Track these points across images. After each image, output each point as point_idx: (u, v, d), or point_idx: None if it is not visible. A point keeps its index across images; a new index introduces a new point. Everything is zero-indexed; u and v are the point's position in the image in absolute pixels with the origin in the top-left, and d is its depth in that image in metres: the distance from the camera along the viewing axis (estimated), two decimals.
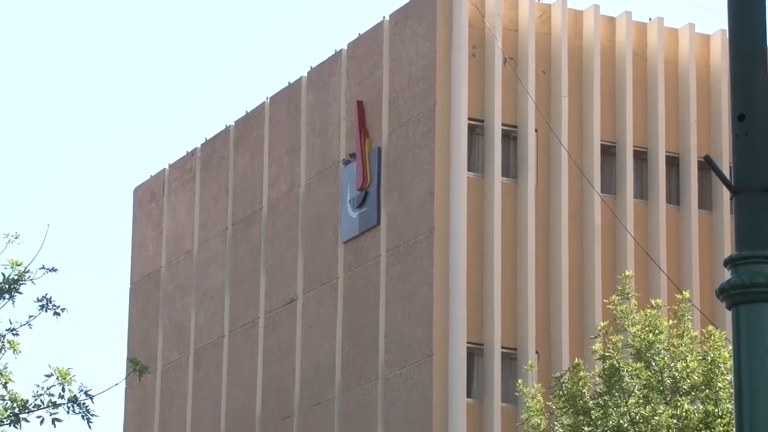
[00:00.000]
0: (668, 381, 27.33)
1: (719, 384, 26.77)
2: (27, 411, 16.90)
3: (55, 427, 16.96)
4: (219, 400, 42.09)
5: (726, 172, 9.68)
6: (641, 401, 26.99)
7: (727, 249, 35.73)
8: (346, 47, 39.76)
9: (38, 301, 17.16)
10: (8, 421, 16.92)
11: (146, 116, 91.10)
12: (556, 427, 27.48)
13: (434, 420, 35.97)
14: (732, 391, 11.07)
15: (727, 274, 9.43)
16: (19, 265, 17.17)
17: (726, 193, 37.79)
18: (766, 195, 9.30)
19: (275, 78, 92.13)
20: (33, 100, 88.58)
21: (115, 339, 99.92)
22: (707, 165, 10.26)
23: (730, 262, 9.33)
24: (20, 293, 17.13)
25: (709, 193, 38.71)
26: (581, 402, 27.55)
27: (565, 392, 28.01)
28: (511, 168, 37.90)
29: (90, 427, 16.91)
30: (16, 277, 17.11)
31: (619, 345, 27.95)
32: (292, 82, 41.45)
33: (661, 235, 38.19)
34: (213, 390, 42.33)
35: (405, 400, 36.65)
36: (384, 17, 38.67)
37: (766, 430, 8.06)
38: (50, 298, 17.24)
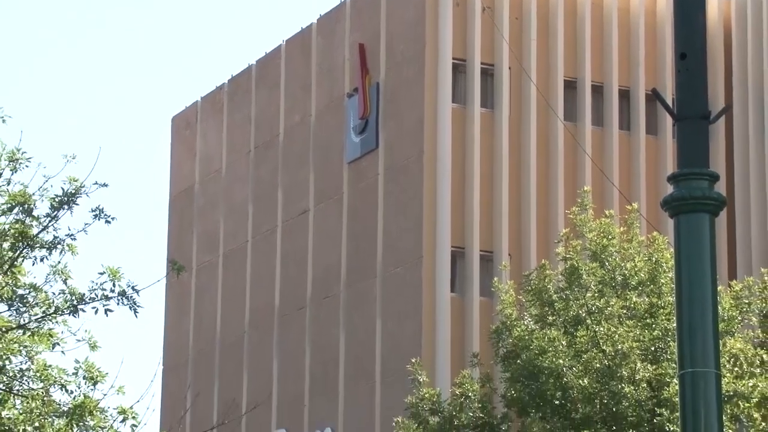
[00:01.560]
0: (619, 278, 27.40)
1: (662, 280, 26.84)
2: (83, 303, 16.90)
3: (107, 316, 16.97)
4: (244, 295, 42.24)
5: (670, 103, 9.67)
6: (597, 295, 27.06)
7: (670, 167, 35.77)
8: None
9: (92, 211, 17.12)
10: (68, 311, 16.93)
11: (182, 56, 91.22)
12: (526, 317, 27.55)
13: (423, 311, 36.12)
14: (673, 286, 11.13)
15: (669, 189, 9.44)
16: (75, 181, 17.12)
17: (669, 121, 37.78)
18: (703, 122, 9.30)
19: (289, 24, 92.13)
20: (93, 37, 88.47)
21: (156, 244, 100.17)
22: (654, 97, 10.22)
23: (672, 179, 9.34)
24: (77, 204, 17.10)
25: (655, 120, 38.72)
26: (546, 296, 27.64)
27: (533, 288, 28.10)
28: (489, 100, 37.93)
29: (136, 316, 16.92)
30: (73, 191, 17.06)
31: (579, 248, 28.02)
32: (303, 27, 41.43)
33: (615, 156, 38.29)
34: (239, 286, 42.48)
35: (399, 295, 36.78)
36: None
37: (701, 318, 8.05)
38: (102, 208, 17.20)
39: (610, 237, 27.83)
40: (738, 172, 38.88)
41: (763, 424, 20.33)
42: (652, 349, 25.97)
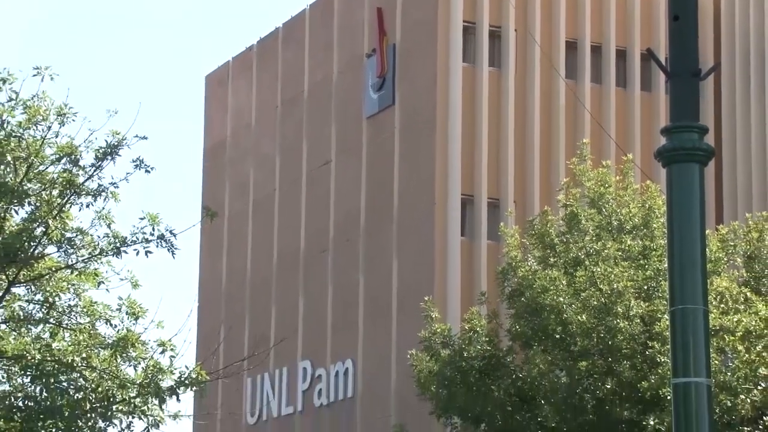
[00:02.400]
0: (615, 223, 27.39)
1: (654, 225, 26.82)
2: (126, 245, 16.97)
3: (147, 257, 17.05)
4: (272, 239, 42.35)
5: (663, 62, 9.63)
6: (594, 238, 27.07)
7: (663, 121, 35.62)
8: None
9: (133, 161, 17.17)
10: (112, 253, 16.99)
11: (215, 20, 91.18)
12: (529, 259, 27.58)
13: (436, 253, 36.20)
14: (665, 230, 11.13)
15: (662, 141, 9.43)
16: (118, 134, 17.15)
17: (663, 78, 37.59)
18: (694, 79, 9.28)
19: None
20: (135, 3, 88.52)
21: (191, 192, 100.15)
22: (649, 56, 10.20)
23: (665, 131, 9.33)
24: (119, 155, 17.14)
25: (649, 78, 38.61)
26: (548, 239, 27.65)
27: (536, 232, 28.12)
28: (496, 60, 37.84)
29: (174, 257, 17.01)
30: (116, 143, 17.10)
31: (578, 196, 28.00)
32: None
33: (612, 111, 38.23)
34: (267, 231, 42.59)
35: (413, 239, 36.84)
36: None
37: (691, 259, 8.05)
38: (142, 159, 17.25)
39: (607, 185, 27.82)
40: (725, 125, 38.84)
41: (747, 355, 20.36)
42: (645, 287, 25.99)
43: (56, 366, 16.47)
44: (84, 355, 16.72)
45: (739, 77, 38.75)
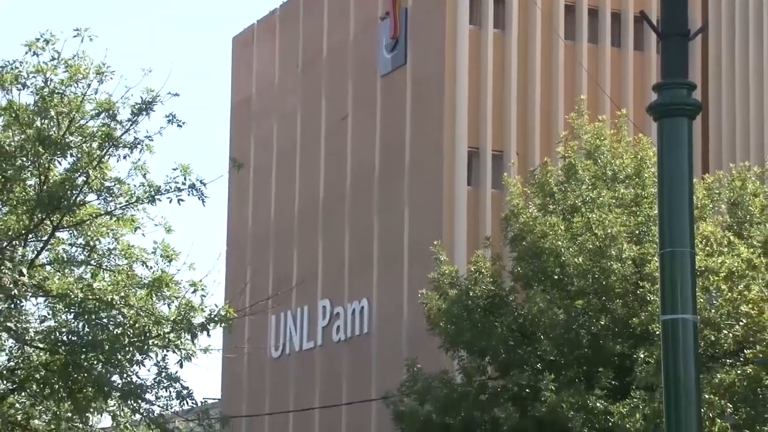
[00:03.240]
0: (609, 173, 27.35)
1: (645, 174, 26.77)
2: (160, 193, 17.01)
3: (179, 205, 17.10)
4: (293, 188, 42.40)
5: (655, 23, 9.58)
6: (590, 187, 27.03)
7: (654, 78, 35.49)
8: None
9: (166, 116, 17.16)
10: (147, 201, 17.02)
11: None
12: (530, 206, 27.57)
13: (444, 201, 36.23)
14: (655, 179, 11.11)
15: (654, 97, 9.39)
16: (152, 91, 17.13)
17: (654, 38, 37.45)
18: (683, 39, 9.22)
19: None
20: None
21: (220, 145, 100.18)
22: (642, 18, 10.13)
23: (656, 88, 9.29)
24: (153, 111, 17.13)
25: (642, 38, 38.45)
26: (548, 188, 27.62)
27: (537, 181, 28.10)
28: (500, 22, 37.69)
29: (204, 205, 17.06)
30: (150, 100, 17.08)
31: (575, 148, 27.95)
32: None
33: (607, 69, 38.09)
34: (289, 181, 42.63)
35: (423, 188, 36.86)
36: None
37: (679, 206, 8.03)
38: (174, 114, 17.24)
39: (602, 138, 27.77)
40: (711, 81, 38.73)
41: (729, 294, 20.37)
42: (637, 232, 26.00)
43: (97, 304, 16.54)
44: (122, 294, 16.78)
45: (724, 38, 38.63)
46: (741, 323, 20.12)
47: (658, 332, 18.93)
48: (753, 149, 37.07)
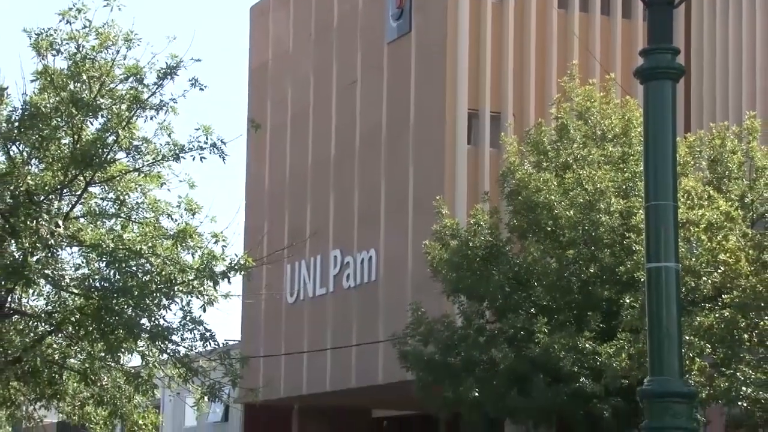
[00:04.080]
0: (599, 132, 27.32)
1: (632, 134, 26.74)
2: (183, 152, 17.00)
3: (202, 162, 17.11)
4: (307, 147, 42.38)
5: None
6: (581, 146, 27.02)
7: (640, 44, 35.32)
8: None
9: (189, 80, 17.12)
10: (172, 158, 17.01)
11: None
12: (525, 164, 27.56)
13: (446, 159, 36.17)
14: (641, 138, 11.08)
15: (640, 61, 9.35)
16: (176, 57, 17.07)
17: (641, 7, 37.30)
18: (668, 6, 9.16)
19: None
20: None
21: (239, 108, 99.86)
22: None
23: (643, 53, 9.24)
24: (177, 75, 17.08)
25: (630, 6, 38.24)
26: (542, 147, 27.60)
27: (532, 141, 28.07)
28: None
29: (224, 162, 17.05)
30: (174, 65, 17.02)
31: (567, 109, 27.89)
32: None
33: (597, 36, 37.88)
34: (303, 140, 42.59)
35: (427, 146, 36.80)
36: None
37: (663, 162, 8.02)
38: (197, 79, 17.19)
39: (592, 100, 27.71)
40: (694, 46, 38.53)
41: (709, 243, 20.36)
42: (624, 187, 25.99)
43: (127, 253, 16.58)
44: (150, 244, 16.82)
45: (706, 5, 38.39)
46: (719, 271, 20.13)
47: (643, 279, 18.94)
48: (731, 110, 36.95)
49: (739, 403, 19.01)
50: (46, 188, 16.68)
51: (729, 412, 20.26)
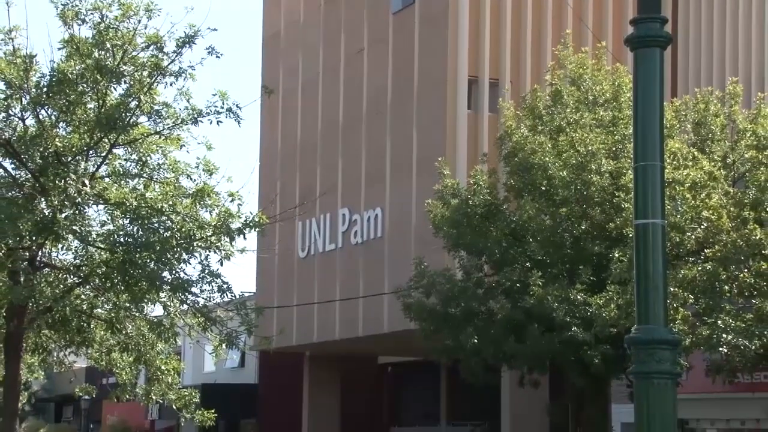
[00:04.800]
0: (591, 97, 27.21)
1: (622, 99, 26.64)
2: (201, 116, 17.00)
3: (218, 126, 17.11)
4: (317, 112, 42.31)
5: None
6: (574, 110, 26.92)
7: (631, 14, 35.11)
8: None
9: (206, 49, 17.07)
10: (190, 122, 16.99)
11: None
12: (522, 127, 27.50)
13: (447, 123, 36.12)
14: (631, 103, 11.06)
15: (630, 30, 9.30)
16: (194, 26, 17.02)
17: None
18: None
19: None
20: None
21: (253, 75, 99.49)
22: None
23: (633, 22, 9.18)
24: (195, 44, 17.03)
25: None
26: (537, 111, 27.52)
27: (528, 105, 27.98)
28: None
29: (239, 126, 17.04)
30: (192, 34, 16.97)
31: (561, 76, 27.77)
32: None
33: (590, 6, 37.70)
34: (312, 105, 42.51)
35: (429, 111, 36.72)
36: None
37: (651, 126, 7.99)
38: (213, 47, 17.13)
39: (584, 67, 27.57)
40: (680, 16, 38.34)
41: (693, 201, 20.33)
42: (614, 149, 25.93)
43: (149, 211, 16.60)
44: (170, 202, 16.84)
45: None
46: (702, 227, 20.12)
47: (631, 235, 18.95)
48: (715, 76, 36.79)
49: (720, 350, 19.06)
50: (74, 150, 16.69)
51: (710, 358, 20.33)
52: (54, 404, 64.96)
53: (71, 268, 17.38)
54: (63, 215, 16.22)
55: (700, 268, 19.49)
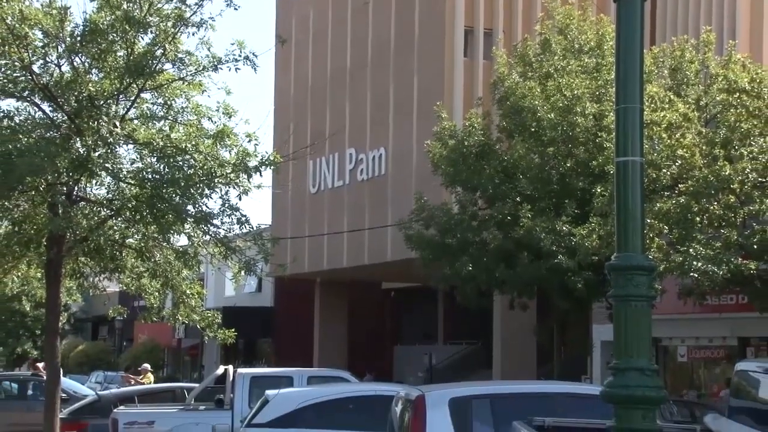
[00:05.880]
0: (577, 46, 27.05)
1: (605, 47, 26.50)
2: (221, 63, 16.89)
3: (236, 72, 17.01)
4: (326, 59, 42.10)
5: None
6: (561, 57, 26.78)
7: None
8: None
9: (225, 1, 16.91)
10: (211, 69, 16.89)
11: None
12: (513, 74, 27.37)
13: (445, 69, 35.97)
14: (613, 51, 10.99)
15: None
16: None
17: None
18: None
19: None
20: None
21: (267, 25, 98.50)
22: None
23: None
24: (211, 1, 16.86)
25: None
26: (527, 59, 27.37)
27: (519, 54, 27.81)
28: None
29: (255, 72, 16.94)
30: None
31: (550, 26, 27.57)
32: None
33: None
34: (322, 54, 42.29)
35: (429, 59, 36.54)
36: None
37: (632, 71, 7.93)
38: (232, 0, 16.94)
39: (571, 18, 27.37)
40: None
41: (668, 141, 20.29)
42: (597, 93, 25.84)
43: (174, 150, 16.59)
44: (193, 142, 16.81)
45: None
46: (677, 164, 20.11)
47: (612, 171, 18.97)
48: (690, 25, 36.49)
49: (691, 275, 19.18)
50: (105, 94, 16.63)
51: (682, 283, 20.45)
52: (91, 324, 65.49)
53: (104, 201, 17.41)
54: (96, 154, 16.22)
55: (674, 202, 19.53)
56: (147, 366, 30.95)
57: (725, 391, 18.94)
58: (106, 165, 16.41)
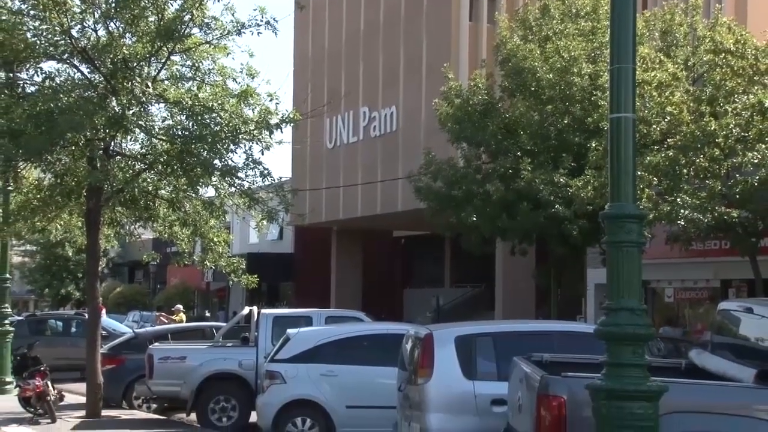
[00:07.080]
0: (574, 10, 26.78)
1: (600, 11, 26.24)
2: (244, 28, 16.82)
3: (258, 36, 16.93)
4: (341, 23, 41.79)
5: None
6: (559, 21, 26.55)
7: None
8: None
9: None
10: (235, 33, 16.83)
11: None
12: (515, 37, 27.16)
13: (452, 33, 35.71)
14: (608, 14, 10.85)
15: None
16: None
17: None
18: None
19: None
20: None
21: None
22: None
23: None
24: None
25: None
26: (528, 23, 27.13)
27: (520, 18, 27.57)
28: None
29: (276, 36, 16.87)
30: None
31: None
32: None
33: None
34: (338, 19, 41.99)
35: (437, 23, 36.24)
36: None
37: (625, 33, 7.84)
38: None
39: None
40: None
41: (659, 98, 20.16)
42: (593, 55, 25.63)
43: (202, 108, 16.60)
44: (219, 102, 16.81)
45: None
46: (666, 120, 20.00)
47: (606, 127, 18.86)
48: None
49: (678, 222, 19.17)
50: (138, 56, 16.61)
51: (670, 230, 20.45)
52: (128, 268, 65.92)
53: (138, 156, 17.47)
54: (131, 112, 16.25)
55: (663, 155, 19.46)
56: (179, 306, 31.24)
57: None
58: (140, 122, 16.45)
